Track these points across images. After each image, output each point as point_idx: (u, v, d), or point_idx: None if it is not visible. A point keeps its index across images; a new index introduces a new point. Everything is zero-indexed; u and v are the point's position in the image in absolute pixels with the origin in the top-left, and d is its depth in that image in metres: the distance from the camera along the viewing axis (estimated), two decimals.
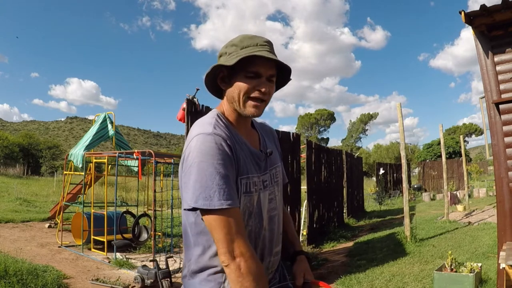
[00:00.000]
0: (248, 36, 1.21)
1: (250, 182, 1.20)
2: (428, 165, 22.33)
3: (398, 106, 7.35)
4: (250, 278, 1.07)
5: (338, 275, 5.01)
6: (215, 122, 1.19)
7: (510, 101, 3.56)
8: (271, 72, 1.20)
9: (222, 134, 1.14)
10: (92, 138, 8.07)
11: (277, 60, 1.17)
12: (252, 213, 1.21)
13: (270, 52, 1.18)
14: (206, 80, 1.26)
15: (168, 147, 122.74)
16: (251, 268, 1.08)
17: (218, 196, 1.07)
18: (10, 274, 4.32)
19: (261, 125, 1.43)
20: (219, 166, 1.09)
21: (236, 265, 1.07)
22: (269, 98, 1.22)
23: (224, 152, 1.11)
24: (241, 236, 1.10)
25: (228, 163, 1.11)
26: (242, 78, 1.18)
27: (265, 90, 1.18)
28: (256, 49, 1.17)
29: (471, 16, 3.61)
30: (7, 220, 9.46)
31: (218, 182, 1.08)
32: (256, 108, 1.20)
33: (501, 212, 3.62)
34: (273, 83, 1.22)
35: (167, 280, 4.50)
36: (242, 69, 1.18)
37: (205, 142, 1.11)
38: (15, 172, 27.87)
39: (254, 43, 1.18)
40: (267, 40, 1.22)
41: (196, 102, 4.56)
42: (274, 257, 1.31)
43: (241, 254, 1.08)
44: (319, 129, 56.37)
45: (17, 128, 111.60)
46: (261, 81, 1.18)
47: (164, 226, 8.03)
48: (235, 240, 1.08)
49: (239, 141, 1.22)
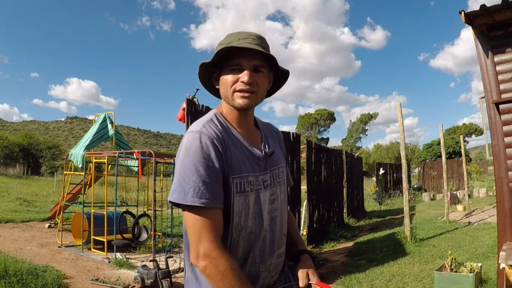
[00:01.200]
0: (234, 33, 1.21)
1: (244, 181, 1.18)
2: (428, 165, 22.33)
3: (398, 106, 7.35)
4: (217, 278, 1.06)
5: (338, 275, 5.01)
6: (208, 121, 1.20)
7: (510, 101, 3.56)
8: (255, 63, 1.18)
9: (209, 133, 1.14)
10: (92, 138, 8.07)
11: (254, 48, 1.14)
12: (250, 213, 1.19)
13: (251, 43, 1.16)
14: (203, 82, 1.28)
15: (168, 147, 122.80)
16: (218, 267, 1.05)
17: (192, 192, 1.08)
18: (10, 274, 4.32)
19: (266, 126, 1.41)
20: (199, 164, 1.09)
21: (201, 267, 1.08)
22: (259, 88, 1.20)
23: (207, 151, 1.11)
24: (209, 237, 1.08)
25: (210, 162, 1.11)
26: (226, 72, 1.19)
27: (248, 80, 1.16)
28: (236, 43, 1.16)
29: (471, 16, 3.61)
30: (7, 220, 9.46)
31: (195, 179, 1.08)
32: (244, 99, 1.18)
33: (501, 212, 3.62)
34: (261, 73, 1.20)
35: (167, 280, 4.50)
36: (225, 64, 1.19)
37: (191, 140, 1.13)
38: (15, 172, 27.87)
39: (237, 38, 1.18)
40: (252, 34, 1.20)
41: (196, 102, 4.56)
42: (277, 259, 1.28)
43: (205, 255, 1.07)
44: (319, 129, 56.37)
45: (17, 128, 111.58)
46: (245, 73, 1.17)
47: (164, 226, 8.03)
48: (202, 241, 1.08)
49: (235, 140, 1.21)
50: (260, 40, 1.20)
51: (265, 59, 1.21)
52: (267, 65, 1.22)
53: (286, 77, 1.31)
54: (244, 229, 1.18)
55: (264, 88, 1.23)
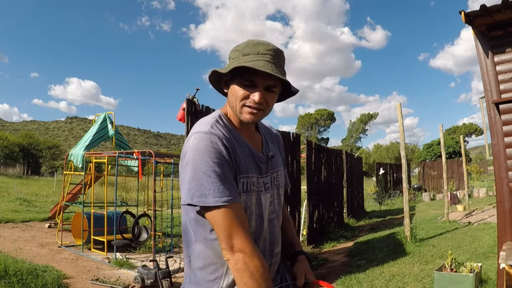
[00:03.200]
0: (253, 42, 1.19)
1: (249, 181, 1.20)
2: (428, 165, 22.33)
3: (398, 106, 7.35)
4: (247, 274, 1.07)
5: (338, 275, 5.01)
6: (214, 122, 1.20)
7: (510, 101, 3.56)
8: (269, 83, 1.17)
9: (218, 134, 1.15)
10: (92, 138, 8.07)
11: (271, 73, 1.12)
12: (253, 213, 1.22)
13: (269, 62, 1.14)
14: (212, 82, 1.30)
15: (168, 147, 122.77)
16: (249, 264, 1.07)
17: (212, 193, 1.09)
18: (10, 274, 4.32)
19: (266, 129, 1.43)
20: (214, 164, 1.10)
21: (234, 260, 1.08)
22: (267, 107, 1.20)
23: (219, 150, 1.12)
24: (241, 231, 1.10)
25: (223, 161, 1.12)
26: (239, 84, 1.18)
27: (259, 100, 1.16)
28: (254, 58, 1.14)
29: (471, 16, 3.61)
30: (7, 220, 9.46)
31: (213, 180, 1.09)
32: (251, 115, 1.19)
33: (501, 212, 3.62)
34: (272, 93, 1.20)
35: (167, 280, 4.50)
36: (239, 76, 1.17)
37: (201, 141, 1.12)
38: (15, 172, 27.87)
39: (256, 51, 1.16)
40: (272, 48, 1.17)
41: (196, 102, 4.56)
42: (275, 258, 1.31)
43: (239, 249, 1.08)
44: (319, 129, 56.38)
45: (17, 128, 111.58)
46: (257, 90, 1.17)
47: (164, 226, 8.03)
48: (234, 236, 1.09)
49: (240, 141, 1.23)
50: (278, 58, 1.18)
51: (279, 79, 1.20)
52: (279, 85, 1.22)
53: (294, 94, 1.32)
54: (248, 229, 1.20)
55: (272, 105, 1.24)
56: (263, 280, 1.08)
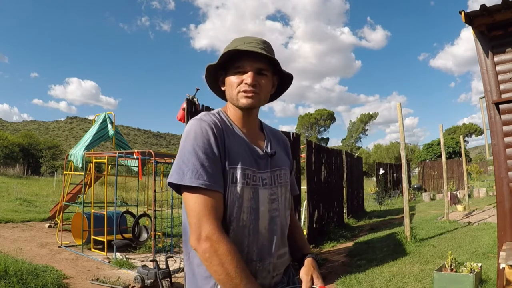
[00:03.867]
0: (240, 37, 1.27)
1: (240, 173, 1.20)
2: (428, 165, 22.32)
3: (398, 106, 7.35)
4: (216, 262, 1.05)
5: (338, 275, 5.01)
6: (211, 113, 1.27)
7: (510, 101, 3.56)
8: (259, 66, 1.23)
9: (209, 121, 1.21)
10: (92, 138, 8.07)
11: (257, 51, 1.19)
12: (243, 206, 1.20)
13: (255, 47, 1.21)
14: (210, 84, 1.34)
15: (168, 147, 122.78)
16: (218, 251, 1.05)
17: (190, 174, 1.11)
18: (10, 274, 4.32)
19: (272, 131, 1.44)
20: (198, 149, 1.14)
21: (202, 249, 1.07)
22: (262, 90, 1.25)
23: (206, 136, 1.16)
24: (210, 219, 1.09)
25: (209, 148, 1.15)
26: (231, 74, 1.25)
27: (252, 82, 1.21)
28: (241, 46, 1.21)
29: (471, 16, 3.61)
30: (7, 220, 9.46)
31: (194, 162, 1.12)
32: (248, 99, 1.23)
33: (501, 212, 3.62)
34: (264, 76, 1.25)
35: (167, 280, 4.50)
36: (231, 66, 1.25)
37: (191, 126, 1.19)
38: (15, 172, 27.87)
39: (242, 42, 1.23)
40: (258, 39, 1.25)
41: (196, 102, 4.56)
42: (278, 259, 1.28)
43: (206, 237, 1.07)
44: (319, 129, 56.37)
45: (17, 128, 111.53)
46: (248, 74, 1.22)
47: (164, 226, 8.03)
48: (203, 224, 1.08)
49: (235, 134, 1.26)
50: (265, 45, 1.25)
51: (269, 63, 1.26)
52: (271, 69, 1.27)
53: (290, 80, 1.36)
54: (235, 220, 1.19)
55: (267, 90, 1.28)
56: (233, 267, 1.05)
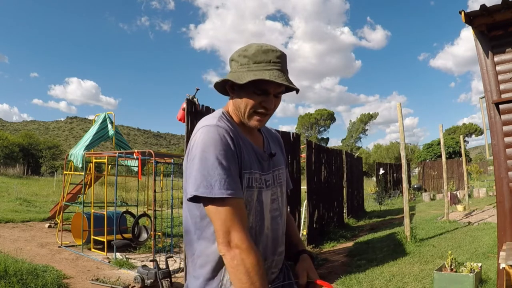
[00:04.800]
0: (262, 49, 1.19)
1: (252, 177, 1.22)
2: (428, 165, 22.32)
3: (398, 106, 7.35)
4: (243, 270, 1.07)
5: (338, 275, 5.01)
6: (220, 117, 1.23)
7: (510, 101, 3.56)
8: (279, 90, 1.22)
9: (225, 127, 1.18)
10: (92, 138, 8.07)
11: (287, 84, 1.17)
12: (252, 209, 1.22)
13: (281, 71, 1.18)
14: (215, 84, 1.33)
15: (168, 147, 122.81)
16: (245, 261, 1.07)
17: (219, 185, 1.09)
18: (10, 274, 4.32)
19: (267, 130, 1.46)
20: (221, 157, 1.11)
21: (230, 256, 1.09)
22: (273, 110, 1.26)
23: (226, 143, 1.14)
24: (240, 227, 1.10)
25: (230, 154, 1.14)
26: (250, 93, 1.20)
27: (272, 107, 1.22)
28: (268, 67, 1.17)
29: (471, 16, 3.61)
30: (7, 220, 9.46)
31: (220, 172, 1.10)
32: (259, 122, 1.24)
33: (501, 212, 3.62)
34: (279, 98, 1.25)
35: (167, 280, 4.50)
36: (251, 85, 1.18)
37: (208, 133, 1.14)
38: (15, 172, 27.87)
39: (267, 59, 1.18)
40: (280, 55, 1.20)
41: (196, 102, 4.56)
42: (278, 256, 1.32)
43: (236, 245, 1.08)
44: (319, 129, 56.36)
45: (17, 128, 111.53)
46: (269, 98, 1.21)
47: (164, 226, 8.03)
48: (232, 231, 1.09)
49: (243, 138, 1.25)
50: (286, 63, 1.23)
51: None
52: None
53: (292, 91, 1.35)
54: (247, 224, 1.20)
55: (276, 109, 1.29)
56: (258, 278, 1.07)
